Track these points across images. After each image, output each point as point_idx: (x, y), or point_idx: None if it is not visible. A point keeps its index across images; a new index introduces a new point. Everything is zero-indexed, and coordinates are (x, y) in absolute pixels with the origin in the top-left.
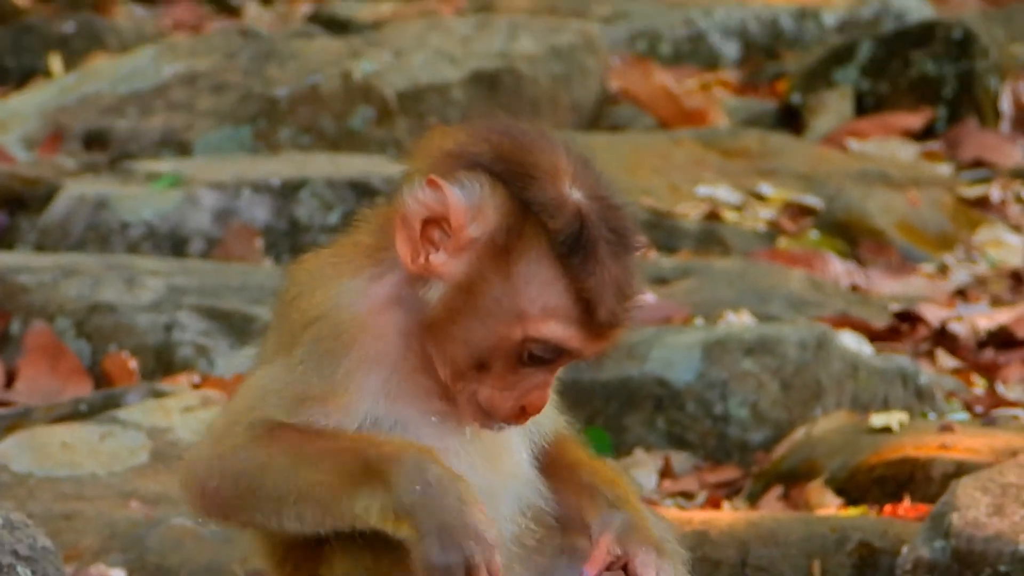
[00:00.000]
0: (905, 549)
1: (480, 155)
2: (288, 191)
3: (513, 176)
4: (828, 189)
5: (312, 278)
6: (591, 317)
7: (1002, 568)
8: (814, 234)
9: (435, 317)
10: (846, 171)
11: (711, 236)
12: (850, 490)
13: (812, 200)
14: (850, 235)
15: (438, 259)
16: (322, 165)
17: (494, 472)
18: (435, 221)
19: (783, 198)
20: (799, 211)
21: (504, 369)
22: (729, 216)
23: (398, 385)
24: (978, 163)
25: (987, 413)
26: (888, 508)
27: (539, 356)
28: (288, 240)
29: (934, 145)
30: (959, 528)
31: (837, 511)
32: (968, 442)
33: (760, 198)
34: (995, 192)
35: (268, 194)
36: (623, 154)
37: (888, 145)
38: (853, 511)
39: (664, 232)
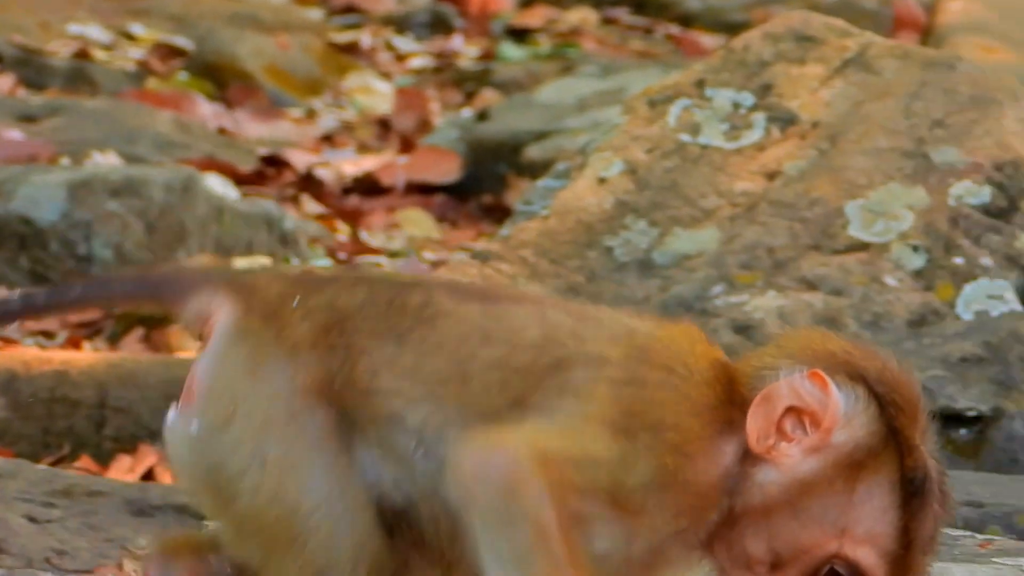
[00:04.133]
0: None
1: (866, 370)
2: None
3: (890, 403)
4: (199, 31)
5: (684, 400)
6: (902, 558)
7: None
8: (183, 75)
9: (754, 502)
10: (218, 13)
11: (80, 75)
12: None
13: (182, 41)
14: (219, 77)
15: (788, 450)
16: None
17: None
18: (799, 412)
19: (154, 38)
20: (169, 52)
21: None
22: (99, 55)
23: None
24: (349, 8)
25: (350, 259)
26: None
27: (836, 572)
28: None
29: None
30: None
31: (196, 354)
32: None
33: (131, 38)
34: (365, 38)
35: None
36: None
37: None
38: None
39: (33, 69)
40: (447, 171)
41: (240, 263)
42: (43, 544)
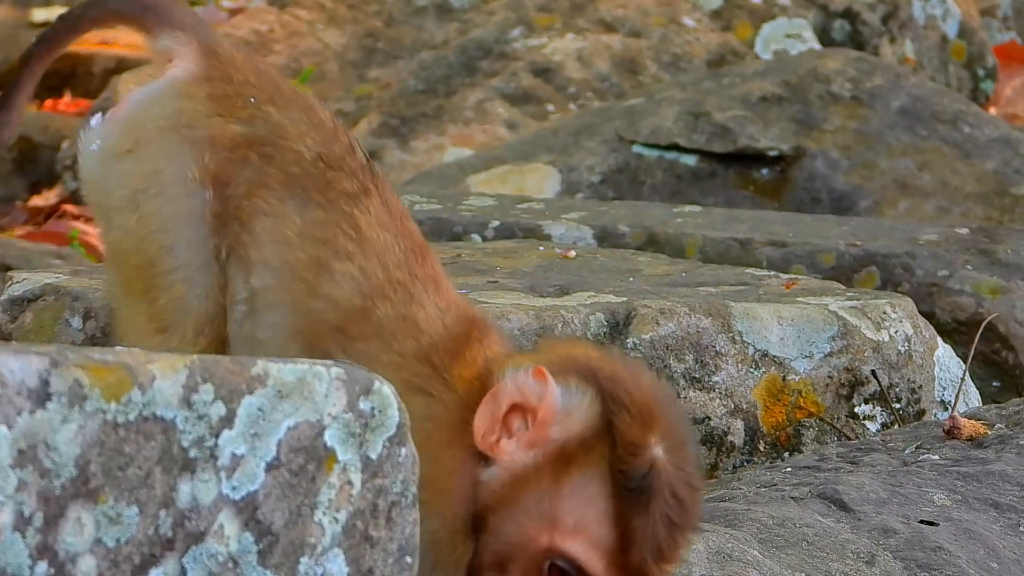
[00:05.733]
0: (65, 144)
1: (599, 371)
2: None
3: (612, 398)
4: None
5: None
6: (621, 555)
7: None
8: None
9: (481, 504)
10: None
11: None
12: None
13: None
14: None
15: (508, 447)
16: None
17: None
18: (523, 409)
19: None
20: None
21: None
22: None
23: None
24: None
25: None
26: (49, 103)
27: (560, 570)
28: None
29: None
30: None
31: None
32: (127, 38)
33: None
34: None
35: None
36: None
37: None
38: None
39: None
40: None
41: (38, 14)
42: None
